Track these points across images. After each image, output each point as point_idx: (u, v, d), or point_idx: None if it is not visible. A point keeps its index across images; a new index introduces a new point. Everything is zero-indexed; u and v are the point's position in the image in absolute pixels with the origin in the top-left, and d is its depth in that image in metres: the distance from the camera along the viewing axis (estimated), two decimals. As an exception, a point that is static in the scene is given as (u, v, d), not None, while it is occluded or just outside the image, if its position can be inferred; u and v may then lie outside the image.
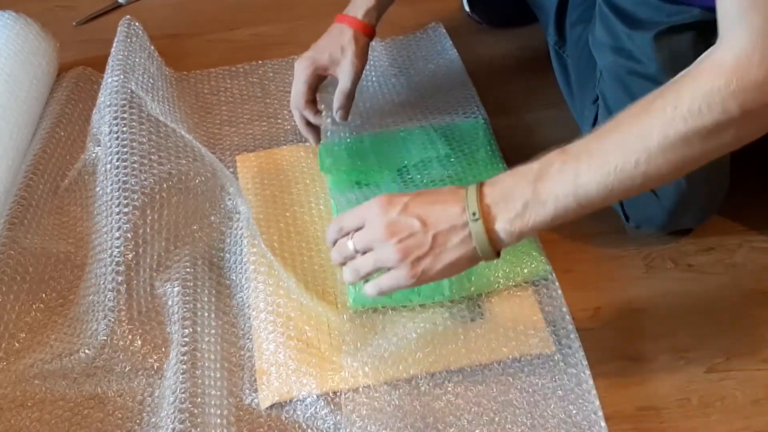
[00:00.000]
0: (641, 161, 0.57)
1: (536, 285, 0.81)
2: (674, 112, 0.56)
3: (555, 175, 0.60)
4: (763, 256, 0.85)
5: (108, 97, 0.94)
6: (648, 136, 0.57)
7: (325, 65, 0.89)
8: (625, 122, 0.59)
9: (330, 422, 0.72)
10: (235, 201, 0.90)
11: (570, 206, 0.60)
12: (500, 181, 0.62)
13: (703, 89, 0.56)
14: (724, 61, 0.56)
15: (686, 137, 0.56)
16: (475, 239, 0.62)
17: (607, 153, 0.58)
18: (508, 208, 0.61)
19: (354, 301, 0.79)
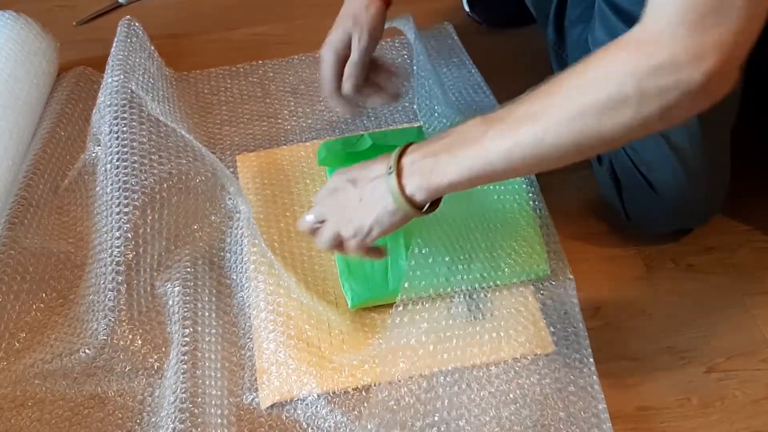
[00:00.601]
0: (539, 132, 0.58)
1: (551, 282, 0.81)
2: (576, 84, 0.57)
3: (468, 138, 0.62)
4: (763, 256, 0.85)
5: (108, 97, 0.94)
6: (550, 107, 0.58)
7: (344, 43, 0.85)
8: (540, 93, 0.59)
9: (330, 421, 0.72)
10: (236, 201, 0.90)
11: (476, 169, 0.61)
12: (425, 142, 0.66)
13: (604, 64, 0.56)
14: (631, 41, 0.56)
15: (582, 111, 0.56)
16: (390, 191, 0.65)
17: (517, 122, 0.59)
18: (422, 165, 0.64)
19: (353, 302, 0.79)
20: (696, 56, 0.53)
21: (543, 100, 0.58)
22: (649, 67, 0.54)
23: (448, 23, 1.18)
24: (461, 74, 1.09)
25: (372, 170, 0.68)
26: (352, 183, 0.69)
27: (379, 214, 0.67)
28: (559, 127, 0.57)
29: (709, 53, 0.53)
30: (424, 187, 0.64)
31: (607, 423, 0.70)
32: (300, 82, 1.11)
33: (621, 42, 0.56)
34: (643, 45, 0.54)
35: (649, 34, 0.54)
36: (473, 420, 0.71)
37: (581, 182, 0.93)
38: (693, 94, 0.54)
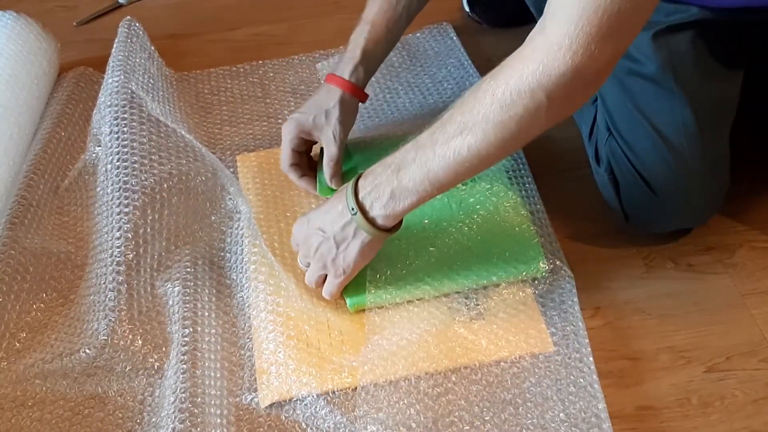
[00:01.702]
0: (473, 145, 0.65)
1: (550, 281, 0.81)
2: (492, 100, 0.63)
3: (410, 164, 0.69)
4: (762, 256, 0.85)
5: (108, 97, 0.94)
6: (475, 123, 0.64)
7: (309, 129, 0.87)
8: (459, 110, 0.66)
9: (330, 422, 0.72)
10: (236, 201, 0.90)
11: (427, 189, 0.69)
12: (371, 174, 0.72)
13: (515, 77, 0.61)
14: (537, 47, 0.60)
15: (503, 123, 0.63)
16: (362, 228, 0.72)
17: (446, 140, 0.66)
18: (379, 197, 0.71)
19: (351, 302, 0.79)
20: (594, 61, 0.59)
21: (467, 116, 0.65)
22: (555, 77, 0.59)
23: (447, 23, 1.18)
24: (460, 75, 1.09)
25: (335, 215, 0.74)
26: (323, 231, 0.75)
27: (361, 250, 0.74)
28: (489, 139, 0.64)
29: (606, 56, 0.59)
30: (390, 215, 0.71)
31: (606, 423, 0.70)
32: (300, 83, 1.11)
33: (525, 53, 0.62)
34: (547, 56, 0.59)
35: (552, 44, 0.59)
36: (473, 420, 0.71)
37: (581, 182, 0.93)
38: (590, 89, 0.64)
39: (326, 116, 0.86)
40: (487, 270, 0.80)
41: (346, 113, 0.87)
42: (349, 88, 0.87)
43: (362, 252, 0.74)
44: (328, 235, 0.74)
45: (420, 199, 0.70)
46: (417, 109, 1.05)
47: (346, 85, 0.87)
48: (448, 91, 1.07)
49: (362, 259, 0.75)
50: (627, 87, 0.81)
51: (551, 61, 0.59)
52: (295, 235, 0.79)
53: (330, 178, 0.88)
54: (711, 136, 0.80)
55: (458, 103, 0.66)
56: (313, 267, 0.77)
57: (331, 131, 0.87)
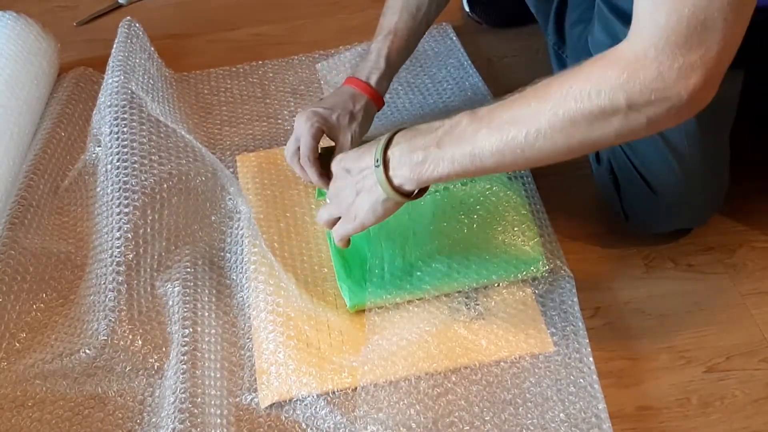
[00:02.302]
0: (531, 134, 0.60)
1: (549, 281, 0.81)
2: (567, 92, 0.59)
3: (459, 134, 0.64)
4: (762, 256, 0.85)
5: (108, 97, 0.94)
6: (542, 112, 0.60)
7: (332, 125, 0.85)
8: (528, 95, 0.62)
9: (330, 422, 0.72)
10: (236, 201, 0.90)
11: (466, 165, 0.64)
12: (411, 131, 0.68)
13: (596, 76, 0.58)
14: (623, 54, 0.58)
15: (573, 118, 0.59)
16: (378, 183, 0.69)
17: (506, 121, 0.62)
18: (411, 157, 0.67)
19: (351, 302, 0.79)
20: (681, 75, 0.55)
21: (534, 104, 0.61)
22: (638, 84, 0.56)
23: (447, 23, 1.18)
24: (459, 75, 1.09)
25: (362, 160, 0.72)
26: (347, 172, 0.73)
27: (372, 204, 0.71)
28: (551, 131, 0.60)
29: (694, 71, 0.55)
30: (414, 179, 0.67)
31: (606, 423, 0.70)
32: (300, 83, 1.11)
33: (609, 59, 0.59)
34: (631, 64, 0.57)
35: (637, 54, 0.57)
36: (473, 420, 0.71)
37: (581, 182, 0.93)
38: (679, 109, 0.57)
39: (350, 118, 0.86)
40: (487, 269, 0.80)
41: (367, 120, 0.88)
42: (373, 96, 0.88)
43: (374, 208, 0.71)
44: (352, 176, 0.72)
45: (455, 172, 0.65)
46: (417, 109, 1.05)
47: (371, 92, 0.87)
48: (447, 92, 1.07)
49: (373, 215, 0.71)
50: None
51: (637, 69, 0.56)
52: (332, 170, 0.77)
53: None
54: (711, 136, 0.80)
55: (528, 90, 0.62)
56: (330, 205, 0.76)
57: (350, 133, 0.86)
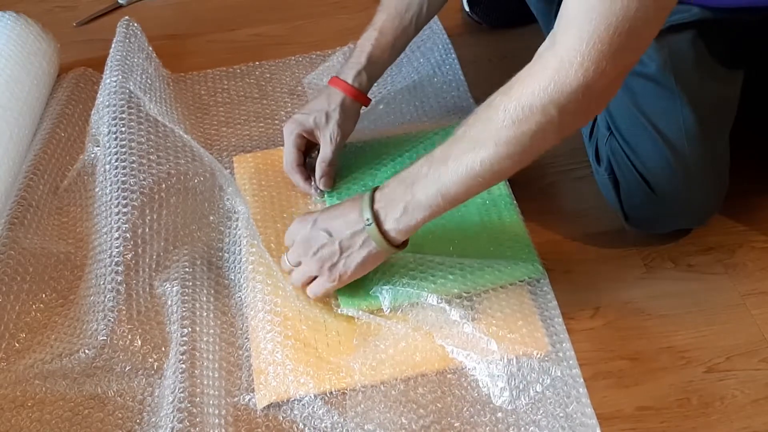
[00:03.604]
0: (485, 160, 0.65)
1: (531, 286, 0.81)
2: (504, 116, 0.63)
3: (423, 178, 0.69)
4: (762, 256, 0.85)
5: (107, 97, 0.94)
6: (487, 138, 0.65)
7: (310, 130, 0.88)
8: (472, 125, 0.67)
9: (327, 422, 0.72)
10: (234, 201, 0.90)
11: (440, 204, 0.69)
12: (386, 187, 0.73)
13: (526, 93, 0.62)
14: (548, 64, 0.61)
15: (515, 138, 0.63)
16: (373, 239, 0.72)
17: (459, 155, 0.67)
18: (394, 211, 0.71)
19: (343, 304, 0.79)
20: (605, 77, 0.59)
21: (480, 134, 0.66)
22: (567, 93, 0.60)
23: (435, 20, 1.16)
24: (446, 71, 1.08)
25: (346, 221, 0.74)
26: (329, 234, 0.74)
27: (363, 260, 0.74)
28: (500, 154, 0.65)
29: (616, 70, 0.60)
30: (402, 229, 0.72)
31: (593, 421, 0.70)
32: (297, 84, 1.11)
33: (535, 69, 0.62)
34: (558, 72, 0.60)
35: (562, 61, 0.59)
36: (469, 419, 0.71)
37: (581, 182, 0.93)
38: (601, 100, 0.64)
39: (326, 118, 0.87)
40: (483, 274, 0.80)
41: (347, 117, 0.88)
42: (351, 92, 0.88)
43: (365, 263, 0.74)
44: (334, 239, 0.74)
45: (432, 213, 0.70)
46: (404, 113, 1.04)
47: (348, 89, 0.88)
48: (437, 95, 1.06)
49: (362, 269, 0.75)
50: (628, 87, 0.81)
51: (562, 78, 0.59)
52: (292, 231, 0.78)
53: (319, 177, 0.89)
54: (711, 135, 0.80)
55: (471, 119, 0.67)
56: (306, 266, 0.77)
57: (329, 133, 0.87)
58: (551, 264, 0.84)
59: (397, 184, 0.72)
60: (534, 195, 0.92)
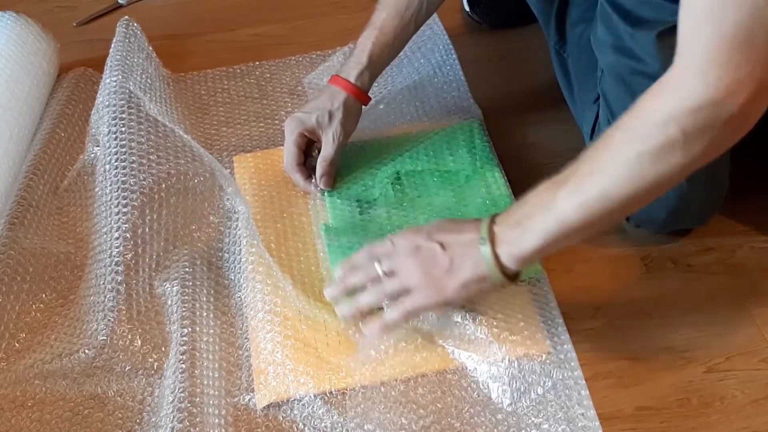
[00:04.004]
0: (603, 184, 0.61)
1: (532, 286, 0.81)
2: (622, 136, 0.60)
3: (542, 203, 0.65)
4: (762, 256, 0.85)
5: (107, 97, 0.94)
6: (606, 162, 0.61)
7: (312, 129, 0.87)
8: (592, 150, 0.63)
9: (327, 422, 0.72)
10: (234, 201, 0.90)
11: (556, 234, 0.64)
12: (509, 211, 0.69)
13: (645, 111, 0.59)
14: (670, 83, 0.59)
15: (635, 159, 0.59)
16: (485, 260, 0.68)
17: (581, 183, 0.63)
18: (510, 235, 0.67)
19: None
20: (730, 92, 0.55)
21: (600, 156, 0.62)
22: (688, 110, 0.56)
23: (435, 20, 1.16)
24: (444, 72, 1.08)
25: (462, 235, 0.69)
26: (441, 245, 0.70)
27: (467, 280, 0.69)
28: (620, 179, 0.60)
29: (743, 87, 0.55)
30: (514, 255, 0.67)
31: (596, 422, 0.70)
32: (297, 83, 1.11)
33: (658, 87, 0.59)
34: (678, 89, 0.57)
35: (683, 77, 0.57)
36: (470, 421, 0.71)
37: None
38: (733, 126, 0.58)
39: (329, 117, 0.87)
40: None
41: (349, 116, 0.88)
42: (353, 91, 0.87)
43: (467, 285, 0.69)
44: (447, 251, 0.69)
45: (547, 243, 0.65)
46: (404, 112, 1.04)
47: (350, 88, 0.87)
48: (437, 94, 1.06)
49: (465, 290, 0.69)
50: (630, 86, 0.81)
51: (684, 93, 0.57)
52: (398, 243, 0.72)
53: (320, 177, 0.89)
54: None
55: (597, 142, 0.63)
56: (407, 277, 0.71)
57: (331, 132, 0.87)
58: (551, 264, 0.84)
59: (516, 207, 0.68)
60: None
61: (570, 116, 0.96)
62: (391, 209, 0.88)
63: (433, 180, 0.91)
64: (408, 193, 0.90)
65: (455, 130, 0.97)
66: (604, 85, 0.85)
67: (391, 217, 0.88)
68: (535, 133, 1.01)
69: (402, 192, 0.91)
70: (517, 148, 0.99)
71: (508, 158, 0.95)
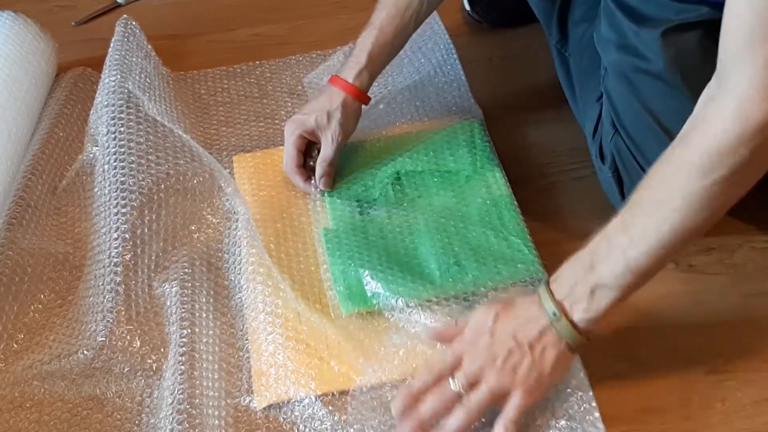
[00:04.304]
0: (675, 220, 0.60)
1: (533, 287, 0.80)
2: (690, 167, 0.59)
3: (606, 257, 0.63)
4: (763, 256, 0.84)
5: (105, 97, 0.94)
6: (673, 197, 0.60)
7: (311, 130, 0.88)
8: (648, 187, 0.62)
9: (327, 424, 0.71)
10: (233, 201, 0.90)
11: (630, 280, 0.63)
12: (562, 276, 0.66)
13: (709, 138, 0.58)
14: (727, 107, 0.57)
15: (706, 189, 0.58)
16: (564, 335, 0.65)
17: (642, 223, 0.61)
18: (579, 300, 0.64)
19: (346, 308, 0.78)
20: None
21: (662, 194, 0.61)
22: (755, 128, 0.56)
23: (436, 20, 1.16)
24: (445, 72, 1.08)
25: (531, 320, 0.65)
26: (514, 338, 0.65)
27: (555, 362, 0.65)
28: (692, 209, 0.59)
29: None
30: (593, 318, 0.64)
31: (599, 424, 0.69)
32: (297, 83, 1.11)
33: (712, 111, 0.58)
34: (739, 108, 0.56)
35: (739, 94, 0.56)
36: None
37: (582, 182, 0.92)
38: None
39: (328, 118, 0.87)
40: (483, 273, 0.80)
41: (348, 116, 0.88)
42: (352, 92, 0.87)
43: (557, 365, 0.65)
44: (523, 342, 0.64)
45: (623, 294, 0.63)
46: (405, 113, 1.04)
47: (349, 88, 0.87)
48: (438, 94, 1.05)
49: (557, 373, 0.66)
50: (634, 84, 0.81)
51: (746, 115, 0.56)
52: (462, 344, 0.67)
53: (320, 177, 0.89)
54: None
55: (645, 182, 0.62)
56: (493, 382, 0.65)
57: (330, 133, 0.87)
58: (551, 264, 0.83)
59: (574, 270, 0.65)
60: (534, 195, 0.92)
61: (571, 116, 0.96)
62: (391, 209, 0.88)
63: (433, 180, 0.91)
64: (408, 194, 0.90)
65: (456, 130, 0.97)
66: (607, 83, 0.85)
67: (391, 217, 0.87)
68: (536, 133, 1.01)
69: (402, 192, 0.90)
70: (518, 148, 0.99)
71: (509, 158, 0.95)
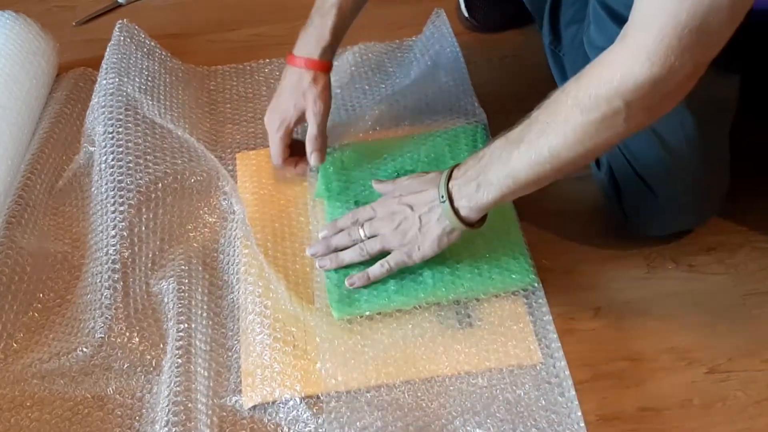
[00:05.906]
0: (553, 146, 0.66)
1: (526, 298, 0.80)
2: (574, 102, 0.64)
3: (497, 159, 0.70)
4: (764, 256, 0.84)
5: (102, 98, 0.94)
6: (556, 124, 0.66)
7: (295, 119, 0.89)
8: (544, 111, 0.67)
9: (311, 426, 0.71)
10: (230, 200, 0.89)
11: (510, 186, 0.70)
12: (464, 165, 0.74)
13: (595, 82, 0.63)
14: (615, 58, 0.62)
15: (582, 126, 0.64)
16: (446, 217, 0.74)
17: (530, 140, 0.68)
18: (467, 189, 0.73)
19: (336, 312, 0.78)
20: (673, 72, 0.59)
21: (550, 120, 0.66)
22: (633, 86, 0.60)
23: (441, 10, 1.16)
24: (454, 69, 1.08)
25: (425, 196, 0.76)
26: (410, 208, 0.77)
27: (438, 235, 0.76)
28: (568, 143, 0.65)
29: (684, 68, 0.59)
30: (474, 207, 0.73)
31: None
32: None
33: (606, 60, 0.63)
34: (625, 66, 0.60)
35: (631, 55, 0.60)
36: (458, 428, 0.70)
37: (582, 183, 0.92)
38: (669, 99, 0.63)
39: (304, 98, 0.87)
40: (477, 281, 0.79)
41: (323, 88, 0.88)
42: (319, 66, 0.87)
43: (439, 239, 0.76)
44: (415, 212, 0.76)
45: (502, 195, 0.71)
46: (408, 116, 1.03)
47: (317, 64, 0.87)
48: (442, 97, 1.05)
49: (438, 246, 0.76)
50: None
51: (629, 71, 0.60)
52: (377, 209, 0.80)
53: (310, 153, 0.89)
54: (710, 137, 0.80)
55: (545, 104, 0.67)
56: (384, 239, 0.78)
57: (311, 110, 0.88)
58: (551, 264, 0.84)
59: (473, 162, 0.73)
60: (534, 195, 0.91)
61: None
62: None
63: None
64: None
65: (458, 133, 0.96)
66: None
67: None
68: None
69: None
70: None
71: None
